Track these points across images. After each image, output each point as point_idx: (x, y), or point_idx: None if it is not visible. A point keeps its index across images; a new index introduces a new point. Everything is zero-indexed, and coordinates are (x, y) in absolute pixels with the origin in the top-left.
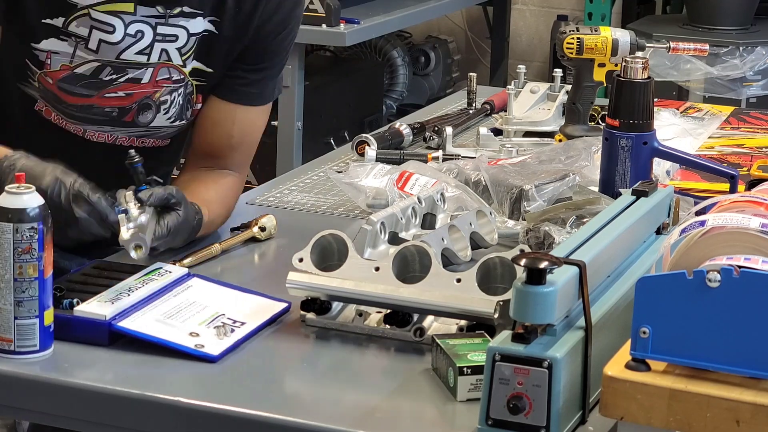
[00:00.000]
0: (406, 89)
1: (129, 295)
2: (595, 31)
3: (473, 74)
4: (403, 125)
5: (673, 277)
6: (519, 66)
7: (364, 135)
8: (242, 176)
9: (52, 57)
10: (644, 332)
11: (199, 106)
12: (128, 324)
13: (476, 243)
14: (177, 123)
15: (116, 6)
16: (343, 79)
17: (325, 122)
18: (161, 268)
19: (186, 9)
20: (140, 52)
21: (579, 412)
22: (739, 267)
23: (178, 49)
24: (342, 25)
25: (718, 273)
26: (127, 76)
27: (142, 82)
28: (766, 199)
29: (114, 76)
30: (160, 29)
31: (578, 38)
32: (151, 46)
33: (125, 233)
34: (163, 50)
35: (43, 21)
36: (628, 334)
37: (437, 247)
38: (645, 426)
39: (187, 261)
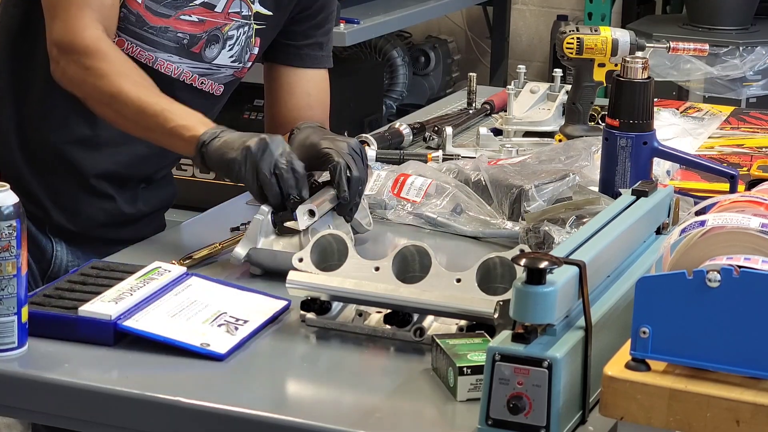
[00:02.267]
0: (406, 89)
1: (131, 294)
2: (595, 31)
3: (473, 74)
4: (403, 125)
5: (673, 277)
6: (519, 66)
7: (364, 135)
8: None
9: None
10: (644, 332)
11: (256, 50)
12: (133, 323)
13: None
14: (236, 64)
15: None
16: (343, 79)
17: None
18: (160, 267)
19: None
20: None
21: (579, 412)
22: (739, 267)
23: None
24: (342, 25)
25: (718, 273)
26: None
27: (215, 9)
28: (766, 199)
29: None
30: None
31: (578, 38)
32: None
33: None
34: None
35: None
36: (628, 334)
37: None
38: (645, 426)
39: (186, 261)
